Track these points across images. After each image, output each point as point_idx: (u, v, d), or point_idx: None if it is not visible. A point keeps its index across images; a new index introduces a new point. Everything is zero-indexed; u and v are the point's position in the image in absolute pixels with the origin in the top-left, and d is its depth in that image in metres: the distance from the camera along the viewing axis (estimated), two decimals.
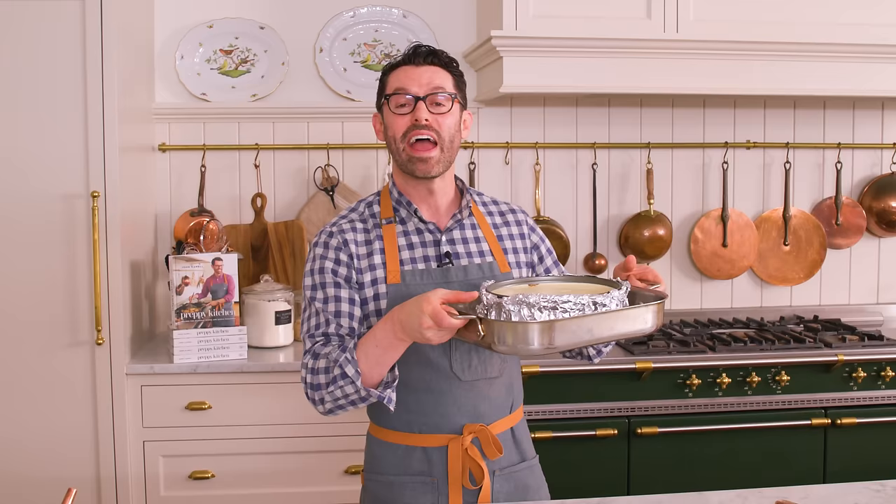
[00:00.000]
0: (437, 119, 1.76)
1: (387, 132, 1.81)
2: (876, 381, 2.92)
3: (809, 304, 3.56)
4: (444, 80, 1.79)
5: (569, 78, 2.91)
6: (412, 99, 1.76)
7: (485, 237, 1.87)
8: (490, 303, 1.55)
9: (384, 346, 1.63)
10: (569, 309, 1.51)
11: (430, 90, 1.76)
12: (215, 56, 3.26)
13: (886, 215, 3.53)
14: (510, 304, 1.51)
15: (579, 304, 1.52)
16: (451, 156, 1.80)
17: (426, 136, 1.75)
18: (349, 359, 1.64)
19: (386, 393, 1.66)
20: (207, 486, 2.76)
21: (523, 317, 1.49)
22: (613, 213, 3.46)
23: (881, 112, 3.55)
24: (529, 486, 1.86)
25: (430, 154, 1.76)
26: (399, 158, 1.79)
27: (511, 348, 1.52)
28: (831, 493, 1.72)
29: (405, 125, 1.76)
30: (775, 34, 2.97)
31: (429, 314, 1.52)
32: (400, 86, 1.77)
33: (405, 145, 1.76)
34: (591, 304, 1.53)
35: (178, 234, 3.15)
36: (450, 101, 1.78)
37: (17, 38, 2.63)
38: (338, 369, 1.65)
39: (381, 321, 1.66)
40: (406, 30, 3.32)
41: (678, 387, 2.84)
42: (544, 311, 1.49)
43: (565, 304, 1.51)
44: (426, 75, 1.77)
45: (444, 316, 1.51)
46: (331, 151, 3.30)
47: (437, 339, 1.55)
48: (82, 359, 2.70)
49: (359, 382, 1.64)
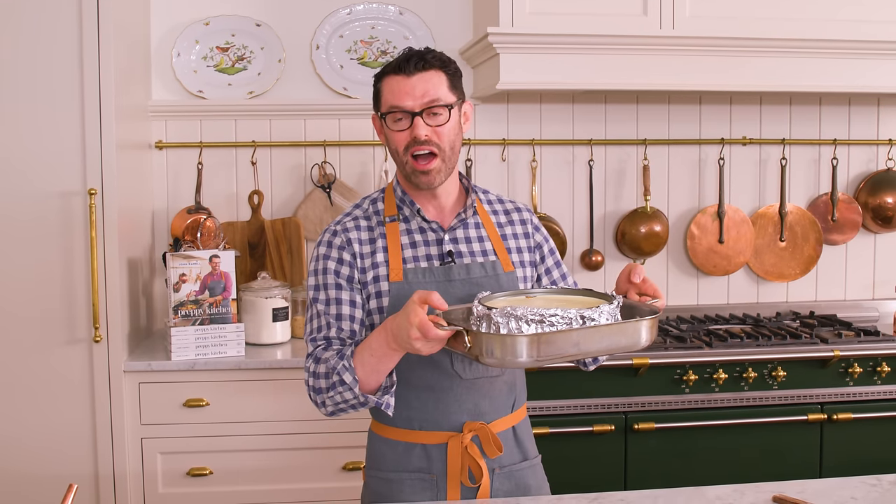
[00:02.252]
0: (435, 131, 1.75)
1: (388, 143, 1.81)
2: (872, 377, 2.93)
3: (805, 300, 3.57)
4: (438, 85, 1.76)
5: (565, 75, 2.91)
6: (409, 115, 1.75)
7: (488, 236, 1.87)
8: (480, 314, 1.55)
9: (378, 356, 1.64)
10: (556, 322, 1.50)
11: (426, 104, 1.74)
12: (212, 53, 3.25)
13: (882, 211, 3.54)
14: (498, 316, 1.51)
15: (566, 317, 1.52)
16: (453, 161, 1.80)
17: (426, 151, 1.75)
18: (347, 366, 1.65)
19: (384, 399, 1.67)
20: (205, 482, 2.76)
21: (511, 329, 1.49)
22: (610, 209, 3.47)
23: (877, 108, 3.56)
24: (530, 486, 1.87)
25: (432, 166, 1.76)
26: (403, 170, 1.80)
27: (498, 360, 1.52)
28: (827, 487, 1.72)
29: (405, 140, 1.76)
30: (771, 30, 2.98)
31: (416, 326, 1.51)
32: (395, 103, 1.75)
33: (408, 158, 1.77)
34: (578, 318, 1.52)
35: (176, 231, 3.15)
36: (447, 111, 1.77)
37: (14, 36, 2.62)
38: (336, 376, 1.66)
39: (376, 330, 1.66)
40: (402, 27, 3.32)
41: (675, 383, 2.85)
42: (531, 325, 1.49)
43: (552, 317, 1.51)
44: (419, 86, 1.74)
45: (431, 327, 1.51)
46: (327, 148, 3.30)
47: (426, 350, 1.55)
48: (80, 356, 2.70)
49: (356, 389, 1.65)
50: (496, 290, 1.80)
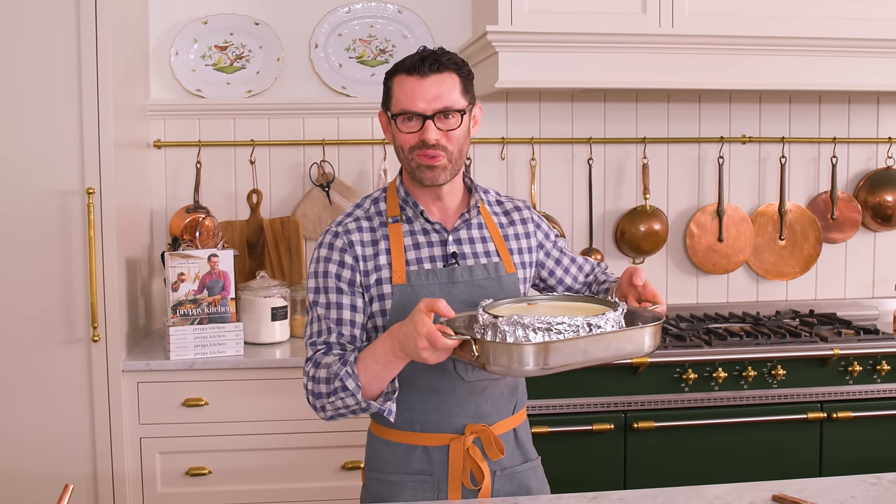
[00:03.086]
0: (445, 135, 1.73)
1: (394, 141, 1.79)
2: (871, 375, 2.93)
3: (805, 299, 3.57)
4: (451, 89, 1.73)
5: (564, 73, 2.91)
6: (420, 118, 1.72)
7: (491, 237, 1.86)
8: (486, 323, 1.54)
9: (383, 363, 1.63)
10: (563, 330, 1.50)
11: (438, 108, 1.71)
12: (210, 52, 3.25)
13: (882, 209, 3.53)
14: (505, 324, 1.50)
15: (574, 325, 1.51)
16: (460, 164, 1.78)
17: (434, 154, 1.73)
18: (350, 372, 1.64)
19: (386, 405, 1.66)
20: (204, 482, 2.76)
21: (518, 337, 1.49)
22: (609, 208, 3.46)
23: (876, 106, 3.56)
24: (531, 488, 1.86)
25: (438, 162, 1.73)
26: (408, 167, 1.78)
27: (505, 369, 1.52)
28: (827, 486, 1.72)
29: (413, 141, 1.74)
30: (770, 29, 2.97)
31: (424, 335, 1.51)
32: (407, 106, 1.72)
33: (413, 155, 1.75)
34: (585, 326, 1.52)
35: (174, 230, 3.15)
36: (459, 116, 1.74)
37: (12, 34, 2.62)
38: (338, 382, 1.65)
39: (381, 337, 1.65)
40: (401, 25, 3.32)
41: (674, 381, 2.85)
42: (539, 332, 1.49)
43: (559, 325, 1.50)
44: (433, 90, 1.71)
45: (439, 336, 1.50)
46: (326, 147, 3.30)
47: (433, 360, 1.55)
48: (78, 356, 2.70)
49: (359, 395, 1.64)
50: (498, 291, 1.80)
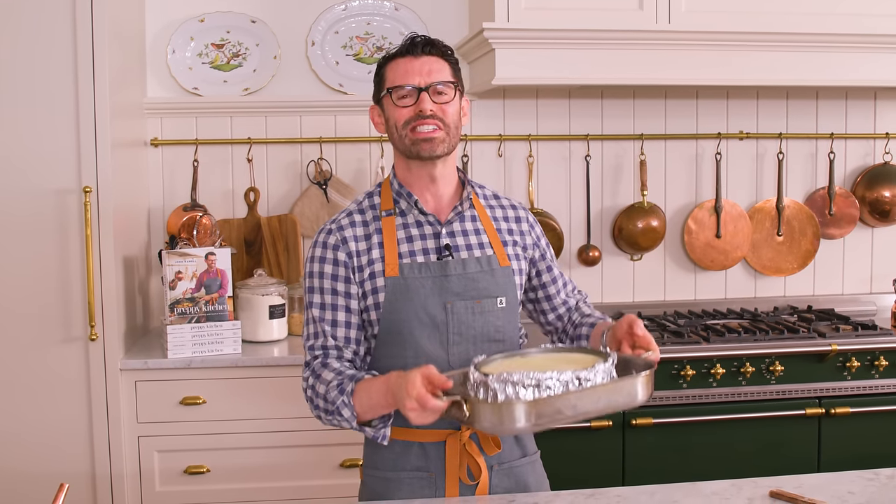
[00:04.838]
0: (440, 108, 1.78)
1: (388, 122, 1.82)
2: (869, 371, 2.93)
3: (803, 295, 3.57)
4: (442, 69, 1.80)
5: (561, 70, 2.90)
6: (415, 90, 1.77)
7: (485, 229, 1.87)
8: (476, 381, 1.54)
9: (375, 403, 1.66)
10: (552, 385, 1.49)
11: (432, 80, 1.78)
12: (207, 50, 3.24)
13: (879, 205, 3.53)
14: (495, 382, 1.50)
15: (563, 380, 1.50)
16: (455, 139, 1.82)
17: (431, 126, 1.77)
18: (346, 402, 1.67)
19: (381, 432, 1.70)
20: (203, 480, 2.75)
21: (508, 395, 1.48)
22: (607, 204, 3.46)
23: (873, 102, 3.56)
24: (529, 483, 1.86)
25: (435, 135, 1.77)
26: (402, 145, 1.80)
27: (495, 427, 1.52)
28: (825, 481, 1.72)
29: (408, 115, 1.78)
30: (767, 25, 2.97)
31: (414, 398, 1.52)
32: (402, 79, 1.78)
33: (407, 131, 1.78)
34: (574, 380, 1.51)
35: (171, 228, 3.14)
36: (451, 89, 1.80)
37: (8, 33, 2.61)
38: (335, 408, 1.69)
39: (380, 378, 1.66)
40: (398, 22, 3.32)
41: (672, 377, 2.85)
42: (528, 388, 1.48)
43: (548, 380, 1.49)
44: (426, 66, 1.78)
45: (429, 399, 1.51)
46: (323, 145, 3.30)
47: (419, 421, 1.54)
48: (76, 354, 2.69)
49: (354, 423, 1.69)
50: (491, 284, 1.80)
